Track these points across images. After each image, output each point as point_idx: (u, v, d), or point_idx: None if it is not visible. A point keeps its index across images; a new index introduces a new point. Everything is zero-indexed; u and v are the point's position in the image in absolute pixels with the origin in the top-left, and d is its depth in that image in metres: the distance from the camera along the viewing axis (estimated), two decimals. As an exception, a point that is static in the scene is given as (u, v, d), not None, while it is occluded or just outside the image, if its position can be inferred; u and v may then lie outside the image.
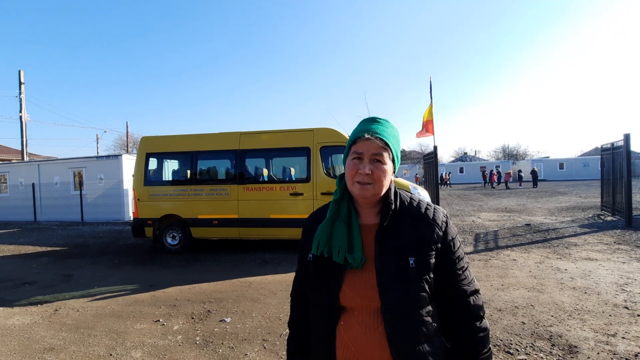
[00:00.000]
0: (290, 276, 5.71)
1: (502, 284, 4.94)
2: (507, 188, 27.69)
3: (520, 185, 29.35)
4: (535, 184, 27.66)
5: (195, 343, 3.55)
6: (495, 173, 32.10)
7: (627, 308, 3.96)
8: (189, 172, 7.94)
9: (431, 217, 1.09)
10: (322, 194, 7.02)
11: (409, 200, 1.13)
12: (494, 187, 29.90)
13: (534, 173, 28.36)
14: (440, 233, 1.07)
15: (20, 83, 21.06)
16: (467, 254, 6.83)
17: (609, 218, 10.42)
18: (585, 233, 8.42)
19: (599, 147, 12.35)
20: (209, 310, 4.39)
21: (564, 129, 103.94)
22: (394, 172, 1.09)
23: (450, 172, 39.04)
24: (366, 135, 1.04)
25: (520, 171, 31.49)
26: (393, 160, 1.07)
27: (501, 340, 3.35)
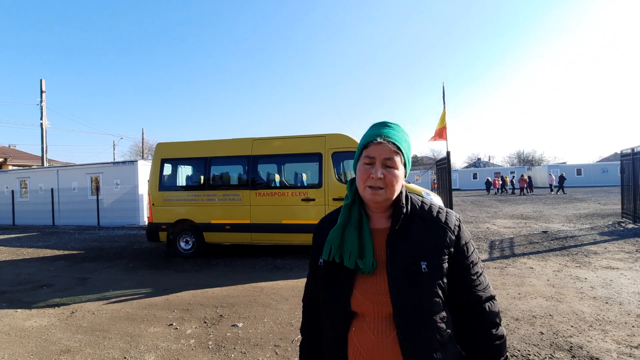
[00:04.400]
0: (301, 282, 5.69)
1: (519, 293, 4.82)
2: (522, 194, 27.12)
3: (531, 191, 28.44)
4: (561, 189, 25.85)
5: (208, 347, 3.56)
6: (499, 179, 30.61)
7: (651, 319, 3.81)
8: (202, 177, 8.05)
9: (443, 221, 1.07)
10: (334, 199, 7.02)
11: (420, 204, 1.11)
12: (495, 194, 29.11)
13: (561, 179, 26.07)
14: (453, 237, 1.05)
15: (41, 91, 21.79)
16: (482, 261, 6.69)
17: (630, 225, 10.08)
18: (605, 241, 8.17)
19: (619, 152, 12.01)
20: (221, 315, 4.41)
21: (581, 133, 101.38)
22: (405, 176, 1.08)
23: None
24: (378, 140, 1.03)
25: (530, 177, 29.60)
26: (404, 165, 1.06)
27: (519, 351, 3.26)
